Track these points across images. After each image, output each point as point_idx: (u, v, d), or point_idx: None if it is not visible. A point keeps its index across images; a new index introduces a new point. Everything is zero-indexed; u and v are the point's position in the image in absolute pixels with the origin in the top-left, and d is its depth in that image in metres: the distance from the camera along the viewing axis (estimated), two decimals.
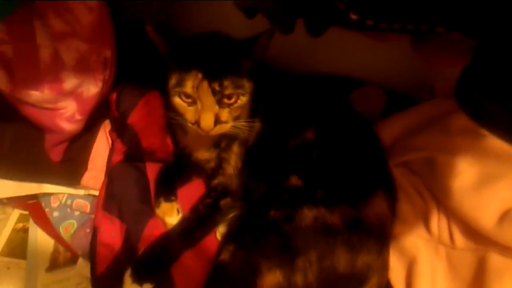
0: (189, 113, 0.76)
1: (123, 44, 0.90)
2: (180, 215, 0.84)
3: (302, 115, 0.87)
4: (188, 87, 0.73)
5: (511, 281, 0.63)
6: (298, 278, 0.69)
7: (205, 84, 0.72)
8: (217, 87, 0.72)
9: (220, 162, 0.88)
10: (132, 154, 0.91)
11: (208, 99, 0.73)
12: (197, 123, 0.75)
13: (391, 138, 0.91)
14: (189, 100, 0.75)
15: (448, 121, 0.78)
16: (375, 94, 1.03)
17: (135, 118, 0.90)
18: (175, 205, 0.85)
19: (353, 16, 0.50)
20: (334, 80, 1.06)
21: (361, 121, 0.92)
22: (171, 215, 0.83)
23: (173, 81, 0.76)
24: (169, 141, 0.94)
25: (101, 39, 0.83)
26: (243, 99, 0.77)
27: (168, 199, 0.85)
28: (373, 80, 1.06)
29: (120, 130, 0.93)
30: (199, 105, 0.74)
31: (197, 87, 0.73)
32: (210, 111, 0.74)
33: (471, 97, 0.46)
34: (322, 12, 0.55)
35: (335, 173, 0.78)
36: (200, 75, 0.72)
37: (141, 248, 0.80)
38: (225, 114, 0.76)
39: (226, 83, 0.73)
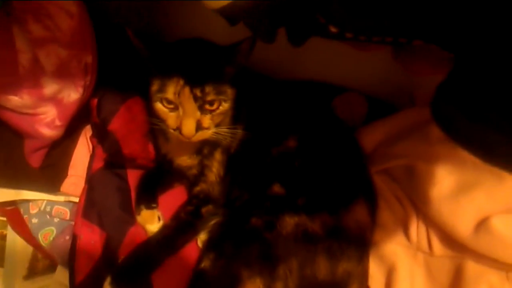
0: (170, 119, 0.76)
1: (104, 48, 0.89)
2: (161, 223, 0.83)
3: (284, 122, 0.87)
4: (170, 93, 0.73)
5: None
6: (279, 286, 0.69)
7: (186, 90, 0.72)
8: (198, 93, 0.72)
9: (202, 169, 0.88)
10: (113, 161, 0.90)
11: (190, 105, 0.73)
12: (178, 129, 0.74)
13: (372, 145, 0.91)
14: (171, 106, 0.74)
15: (428, 129, 0.79)
16: (357, 101, 1.04)
17: (116, 124, 0.89)
18: (156, 213, 0.84)
19: (333, 29, 0.50)
20: (316, 86, 1.07)
21: (342, 128, 0.92)
22: (152, 222, 0.82)
23: (154, 86, 0.76)
24: (150, 147, 0.93)
25: (81, 45, 0.82)
26: (225, 106, 0.77)
27: (149, 207, 0.84)
28: (355, 86, 1.06)
29: (101, 136, 0.92)
30: (180, 111, 0.74)
31: (178, 93, 0.72)
32: (191, 117, 0.73)
33: (446, 113, 0.46)
34: (303, 23, 0.56)
35: (317, 181, 0.78)
36: (181, 81, 0.72)
37: (122, 256, 0.79)
38: (207, 121, 0.75)
39: (208, 89, 0.73)
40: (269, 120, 0.88)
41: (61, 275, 0.87)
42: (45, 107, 0.83)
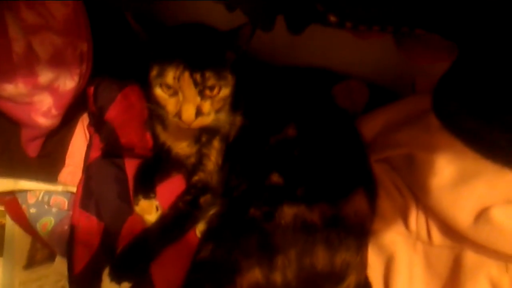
0: (170, 104, 0.75)
1: (100, 36, 0.88)
2: (159, 212, 0.83)
3: (284, 110, 0.86)
4: (169, 77, 0.72)
5: (485, 278, 0.65)
6: (277, 277, 0.69)
7: (186, 74, 0.71)
8: (199, 78, 0.72)
9: (201, 158, 0.87)
10: (110, 151, 0.89)
11: (190, 91, 0.72)
12: (178, 115, 0.74)
13: (372, 133, 0.91)
14: (170, 91, 0.74)
15: (428, 118, 0.78)
16: (358, 89, 1.02)
17: (113, 113, 0.88)
18: (154, 202, 0.84)
19: (332, 18, 0.49)
20: (316, 73, 1.05)
21: (342, 116, 0.91)
22: (150, 212, 0.82)
23: (154, 72, 0.75)
24: (148, 136, 0.92)
25: (76, 33, 0.81)
26: (225, 91, 0.76)
27: (147, 196, 0.84)
28: (356, 74, 1.05)
29: (98, 125, 0.91)
30: (180, 96, 0.73)
31: (178, 78, 0.72)
32: (191, 103, 0.73)
33: (447, 107, 0.45)
34: (301, 11, 0.54)
35: (316, 170, 0.77)
36: (181, 66, 0.71)
37: (120, 246, 0.79)
38: (207, 106, 0.75)
39: (208, 74, 0.72)
40: (269, 108, 0.87)
41: (61, 264, 0.87)
42: (41, 96, 0.82)
